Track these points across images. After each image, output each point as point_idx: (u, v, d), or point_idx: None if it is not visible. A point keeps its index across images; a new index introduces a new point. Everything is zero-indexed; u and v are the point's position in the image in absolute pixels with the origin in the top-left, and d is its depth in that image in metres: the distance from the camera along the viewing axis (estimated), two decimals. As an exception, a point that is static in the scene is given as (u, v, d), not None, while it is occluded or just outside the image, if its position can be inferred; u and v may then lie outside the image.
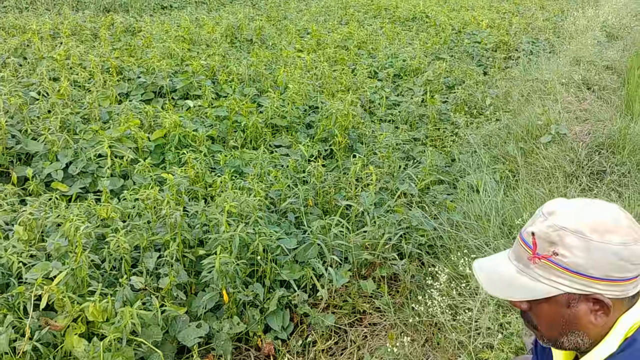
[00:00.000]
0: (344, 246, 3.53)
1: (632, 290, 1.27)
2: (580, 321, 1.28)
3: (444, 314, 2.66)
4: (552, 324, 1.32)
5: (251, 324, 3.12)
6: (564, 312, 1.28)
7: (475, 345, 2.50)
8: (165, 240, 3.24)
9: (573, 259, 1.22)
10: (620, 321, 1.28)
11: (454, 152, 4.94)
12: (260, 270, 3.31)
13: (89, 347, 2.60)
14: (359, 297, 3.43)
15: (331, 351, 3.20)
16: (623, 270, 1.22)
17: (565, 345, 1.33)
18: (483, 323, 2.52)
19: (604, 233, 1.22)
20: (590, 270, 1.22)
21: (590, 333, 1.29)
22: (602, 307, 1.26)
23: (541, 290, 1.27)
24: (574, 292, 1.25)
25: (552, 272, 1.25)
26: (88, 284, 2.93)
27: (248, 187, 3.79)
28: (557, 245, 1.24)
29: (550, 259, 1.25)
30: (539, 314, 1.33)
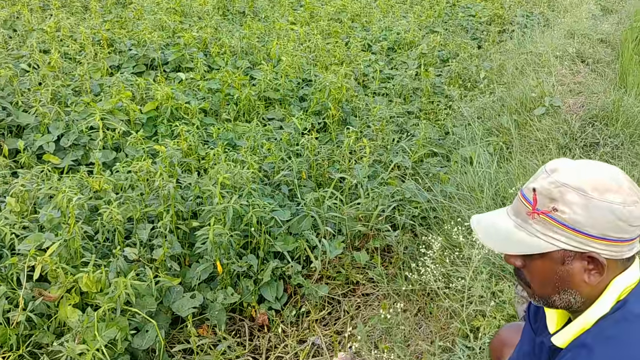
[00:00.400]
0: (338, 218, 3.53)
1: (627, 253, 1.27)
2: (574, 279, 1.28)
3: (437, 282, 2.68)
4: (545, 281, 1.32)
5: (245, 295, 3.13)
6: (558, 269, 1.29)
7: (467, 313, 2.52)
8: (158, 212, 3.23)
9: (572, 216, 1.23)
10: (613, 283, 1.28)
11: (447, 125, 4.93)
12: (254, 242, 3.31)
13: (83, 317, 2.60)
14: (352, 268, 3.45)
15: (324, 321, 3.22)
16: (620, 231, 1.22)
17: (557, 304, 1.34)
18: (476, 291, 2.54)
19: (605, 192, 1.22)
20: (588, 228, 1.22)
21: (583, 292, 1.30)
22: (597, 266, 1.26)
23: (537, 245, 1.28)
24: (570, 249, 1.25)
25: (550, 228, 1.26)
26: (81, 255, 2.93)
27: (241, 160, 3.78)
28: (557, 201, 1.24)
29: (549, 215, 1.25)
30: (533, 271, 1.33)
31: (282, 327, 3.13)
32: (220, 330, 2.97)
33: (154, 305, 2.77)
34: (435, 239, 2.87)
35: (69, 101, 4.48)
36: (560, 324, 1.42)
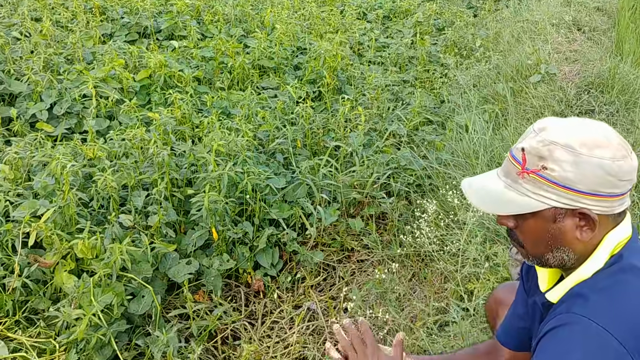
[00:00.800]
0: (333, 186, 3.54)
1: (618, 208, 1.27)
2: (566, 236, 1.29)
3: (432, 245, 2.69)
4: (538, 240, 1.32)
5: (241, 261, 3.15)
6: (550, 227, 1.29)
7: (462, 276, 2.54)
8: (153, 180, 3.22)
9: (561, 173, 1.22)
10: (606, 239, 1.29)
11: (443, 94, 4.91)
12: (250, 210, 3.31)
13: (78, 283, 2.61)
14: (347, 235, 3.46)
15: (320, 287, 3.25)
16: (611, 186, 1.23)
17: (551, 262, 1.34)
18: (470, 254, 2.55)
19: (594, 148, 1.22)
20: (578, 185, 1.22)
21: (576, 249, 1.30)
22: (588, 222, 1.26)
23: (528, 204, 1.28)
24: (561, 207, 1.25)
25: (540, 186, 1.26)
26: (76, 222, 2.93)
27: (236, 128, 3.76)
28: (546, 159, 1.24)
29: (538, 174, 1.25)
30: (525, 231, 1.33)
31: (278, 293, 3.15)
32: (216, 296, 2.99)
33: (149, 271, 2.78)
34: (430, 201, 2.87)
35: (61, 69, 4.44)
36: (551, 282, 1.42)
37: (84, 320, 2.39)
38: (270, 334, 2.93)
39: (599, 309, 1.20)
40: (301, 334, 2.86)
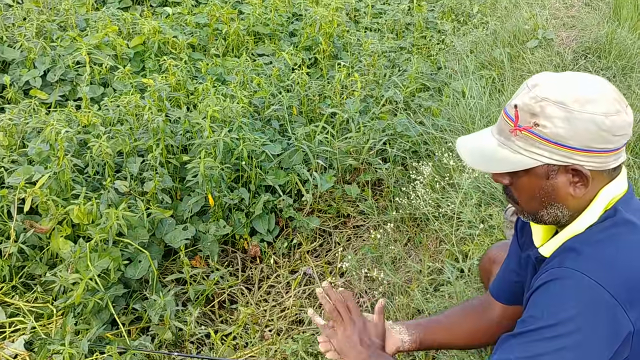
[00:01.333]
0: (329, 152, 3.53)
1: (612, 163, 1.27)
2: (559, 193, 1.29)
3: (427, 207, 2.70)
4: (532, 197, 1.33)
5: (237, 227, 3.15)
6: (543, 184, 1.29)
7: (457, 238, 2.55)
8: (148, 146, 3.21)
9: (554, 130, 1.22)
10: (600, 193, 1.29)
11: (440, 60, 4.88)
12: (245, 176, 3.31)
13: (75, 248, 2.62)
14: (343, 202, 3.47)
15: (316, 252, 3.26)
16: (604, 142, 1.22)
17: (545, 219, 1.35)
18: (465, 216, 2.56)
19: (586, 103, 1.21)
20: (570, 141, 1.22)
21: (569, 205, 1.31)
22: (581, 178, 1.26)
23: (521, 162, 1.28)
24: (554, 164, 1.25)
25: (533, 143, 1.25)
26: (72, 188, 2.93)
27: (231, 95, 3.74)
28: (538, 116, 1.23)
29: (531, 130, 1.25)
30: (519, 188, 1.34)
31: (274, 258, 3.17)
32: (212, 261, 3.00)
33: (146, 237, 2.79)
34: (426, 163, 2.87)
35: (54, 36, 4.39)
36: (546, 238, 1.43)
37: (81, 284, 2.41)
38: (267, 298, 2.95)
39: (591, 263, 1.21)
40: (297, 298, 2.88)
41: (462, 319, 1.71)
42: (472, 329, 1.70)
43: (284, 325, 2.71)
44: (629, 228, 1.26)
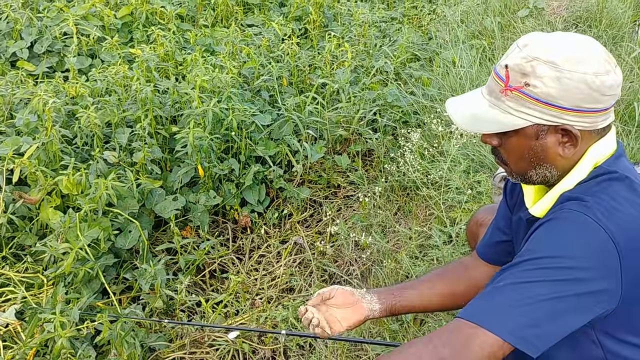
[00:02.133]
0: (319, 123, 3.52)
1: (601, 123, 1.27)
2: (548, 153, 1.29)
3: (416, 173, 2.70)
4: (521, 158, 1.33)
5: (227, 198, 3.15)
6: (533, 145, 1.29)
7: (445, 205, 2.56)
8: (136, 117, 3.19)
9: (544, 89, 1.22)
10: (589, 151, 1.29)
11: (431, 30, 4.85)
12: (235, 147, 3.30)
13: (64, 218, 2.61)
14: (333, 172, 3.47)
15: (306, 223, 3.27)
16: (593, 101, 1.22)
17: (534, 179, 1.35)
18: (453, 183, 2.57)
19: (577, 63, 1.21)
20: (560, 101, 1.22)
21: (558, 165, 1.31)
22: (571, 138, 1.26)
23: (511, 122, 1.28)
24: (543, 124, 1.26)
25: (523, 103, 1.25)
26: (60, 159, 2.92)
27: (220, 65, 3.71)
28: (528, 76, 1.23)
29: (521, 90, 1.24)
30: (509, 149, 1.34)
31: (265, 228, 3.18)
32: (203, 231, 3.01)
33: (135, 207, 2.78)
34: (414, 130, 2.87)
35: (40, 7, 4.33)
36: (537, 198, 1.43)
37: (71, 254, 2.41)
38: (258, 267, 2.96)
39: (593, 208, 1.21)
40: (288, 267, 2.89)
41: (439, 283, 1.72)
42: (450, 291, 1.70)
43: (275, 293, 2.73)
44: (623, 181, 1.26)
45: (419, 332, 2.13)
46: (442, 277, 1.73)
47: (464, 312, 1.22)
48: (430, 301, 1.71)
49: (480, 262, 1.71)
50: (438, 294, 1.71)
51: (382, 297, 1.67)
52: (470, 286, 1.70)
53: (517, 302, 1.17)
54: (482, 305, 1.22)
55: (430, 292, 1.71)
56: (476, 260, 1.72)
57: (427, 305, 1.72)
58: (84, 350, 2.20)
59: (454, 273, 1.73)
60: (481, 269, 1.70)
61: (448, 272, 1.75)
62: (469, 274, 1.71)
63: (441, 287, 1.71)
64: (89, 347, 2.22)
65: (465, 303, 1.74)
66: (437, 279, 1.73)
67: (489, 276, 1.67)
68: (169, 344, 2.43)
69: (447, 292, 1.70)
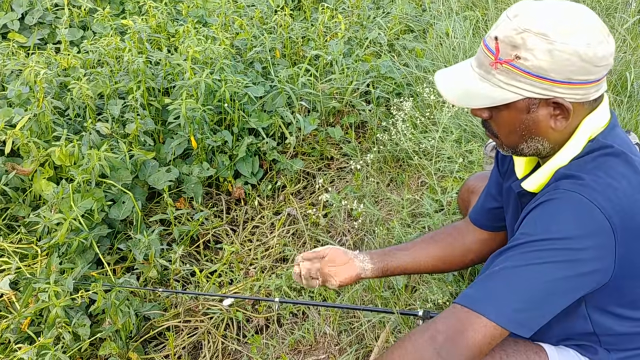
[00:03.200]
0: (312, 95, 3.51)
1: (593, 94, 1.26)
2: (540, 126, 1.28)
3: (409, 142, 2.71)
4: (512, 131, 1.32)
5: (221, 170, 3.16)
6: (524, 118, 1.28)
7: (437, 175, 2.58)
8: (129, 88, 3.17)
9: (535, 62, 1.20)
10: (583, 124, 1.28)
11: (424, 1, 4.82)
12: (228, 119, 3.29)
13: (57, 189, 2.62)
14: (326, 144, 3.47)
15: (300, 195, 3.28)
16: (585, 73, 1.21)
17: (525, 152, 1.35)
18: (445, 152, 2.58)
19: (569, 34, 1.19)
20: (551, 74, 1.20)
21: (550, 138, 1.30)
22: (562, 111, 1.25)
23: (501, 96, 1.26)
24: (534, 97, 1.24)
25: (514, 76, 1.23)
26: (52, 130, 2.91)
27: (212, 36, 3.68)
28: (519, 48, 1.21)
29: (512, 63, 1.22)
30: (499, 122, 1.32)
31: (259, 200, 3.19)
32: (197, 202, 3.02)
33: (129, 178, 2.79)
34: (407, 100, 2.87)
35: (30, -22, 4.28)
36: (528, 169, 1.43)
37: (65, 224, 2.41)
38: (252, 238, 2.98)
39: (589, 187, 1.21)
40: (281, 237, 2.91)
41: (432, 246, 1.75)
42: (442, 254, 1.73)
43: (268, 263, 2.75)
44: (618, 156, 1.26)
45: (410, 299, 2.16)
46: (435, 241, 1.75)
47: (461, 298, 1.24)
48: (422, 263, 1.74)
49: (472, 227, 1.73)
50: (430, 256, 1.74)
51: (374, 258, 1.70)
52: (462, 250, 1.72)
53: (513, 286, 1.19)
54: (478, 290, 1.23)
55: (422, 254, 1.74)
56: (468, 226, 1.74)
57: (419, 267, 1.75)
58: (78, 319, 2.22)
59: (446, 237, 1.76)
60: (473, 234, 1.72)
61: (441, 235, 1.77)
62: (462, 239, 1.73)
63: (434, 250, 1.74)
64: (84, 316, 2.25)
65: (456, 267, 1.78)
66: (430, 242, 1.76)
67: (481, 241, 1.71)
68: (163, 312, 2.46)
69: (439, 255, 1.73)
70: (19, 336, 2.20)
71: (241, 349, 2.36)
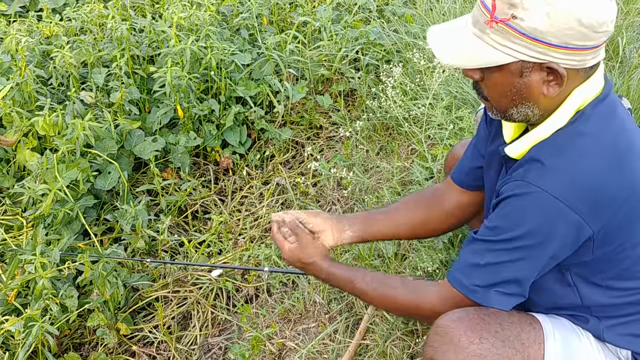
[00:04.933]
0: (300, 62, 3.46)
1: (590, 61, 1.22)
2: (532, 91, 1.25)
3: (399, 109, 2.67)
4: (503, 95, 1.28)
5: (208, 139, 3.12)
6: (516, 82, 1.24)
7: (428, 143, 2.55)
8: (113, 56, 3.10)
9: (532, 24, 1.16)
10: (573, 94, 1.25)
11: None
12: (215, 87, 3.24)
13: (42, 159, 2.57)
14: (315, 113, 3.43)
15: (289, 164, 3.25)
16: (584, 38, 1.17)
17: (515, 117, 1.31)
18: (435, 119, 2.55)
19: None
20: (548, 37, 1.16)
21: (541, 104, 1.27)
22: (556, 77, 1.22)
23: (494, 57, 1.22)
24: (529, 60, 1.20)
25: (509, 37, 1.20)
26: (36, 100, 2.85)
27: (198, 2, 3.60)
28: (517, 7, 1.16)
29: (508, 23, 1.18)
30: (491, 84, 1.29)
31: (247, 170, 3.16)
32: (184, 173, 2.98)
33: (114, 148, 2.74)
34: (396, 66, 2.83)
35: (9, -57, 4.16)
36: (516, 133, 1.41)
37: (49, 195, 2.38)
38: (240, 208, 2.96)
39: (553, 177, 1.22)
40: (270, 207, 2.89)
41: (411, 210, 1.74)
42: (421, 218, 1.73)
43: (257, 233, 2.73)
44: (593, 137, 1.24)
45: (400, 267, 2.15)
46: (415, 204, 1.75)
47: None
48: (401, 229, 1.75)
49: (453, 188, 1.71)
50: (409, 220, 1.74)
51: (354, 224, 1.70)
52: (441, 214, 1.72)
53: (486, 281, 1.32)
54: (463, 279, 1.35)
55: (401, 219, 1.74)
56: (449, 186, 1.72)
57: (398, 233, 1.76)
58: (65, 291, 2.19)
59: (426, 199, 1.75)
60: (454, 195, 1.71)
61: (421, 198, 1.76)
62: (442, 201, 1.72)
63: (413, 214, 1.74)
64: (71, 288, 2.22)
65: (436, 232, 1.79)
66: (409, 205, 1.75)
67: (461, 203, 1.70)
68: (152, 283, 2.44)
69: (418, 220, 1.73)
70: (6, 308, 2.17)
71: (231, 319, 2.35)
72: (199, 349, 2.27)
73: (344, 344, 2.00)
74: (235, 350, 2.13)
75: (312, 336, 2.12)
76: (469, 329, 1.27)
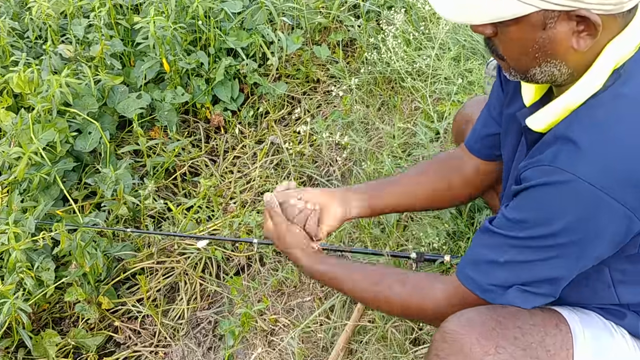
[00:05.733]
0: (296, 10, 3.23)
1: (628, 3, 0.98)
2: (558, 47, 1.02)
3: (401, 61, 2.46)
4: (522, 52, 1.05)
5: (197, 95, 2.93)
6: (538, 36, 1.01)
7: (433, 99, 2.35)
8: (93, 6, 2.88)
9: None
10: (608, 47, 1.02)
11: None
12: (204, 38, 3.03)
13: (16, 119, 2.39)
14: (312, 65, 3.22)
15: (284, 121, 3.07)
16: None
17: (538, 78, 1.09)
18: (442, 72, 2.34)
19: None
20: None
21: (570, 61, 1.04)
22: (588, 26, 0.98)
23: (510, 8, 0.98)
24: (553, 9, 0.96)
25: None
26: (11, 54, 2.66)
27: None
28: None
29: None
30: (507, 40, 1.06)
31: (240, 128, 2.98)
32: (171, 131, 2.80)
33: (95, 106, 2.56)
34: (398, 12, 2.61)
35: None
36: (538, 94, 1.18)
37: (24, 158, 2.21)
38: (233, 169, 2.79)
39: (591, 163, 0.99)
40: (264, 169, 2.72)
41: (425, 180, 1.55)
42: (436, 190, 1.54)
43: (249, 197, 2.56)
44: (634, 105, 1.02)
45: (402, 238, 1.99)
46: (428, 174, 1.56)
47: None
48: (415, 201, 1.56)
49: (469, 156, 1.51)
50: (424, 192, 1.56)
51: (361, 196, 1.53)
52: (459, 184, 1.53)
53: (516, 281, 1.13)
54: (477, 277, 1.17)
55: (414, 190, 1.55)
56: (465, 154, 1.52)
57: (412, 205, 1.58)
58: (42, 263, 2.04)
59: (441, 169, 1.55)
60: (470, 162, 1.51)
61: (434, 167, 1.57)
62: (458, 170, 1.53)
63: (427, 185, 1.55)
64: (48, 259, 2.08)
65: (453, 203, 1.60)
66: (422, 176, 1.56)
67: (478, 171, 1.50)
68: (135, 253, 2.29)
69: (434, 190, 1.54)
70: (-22, 282, 2.03)
71: (221, 290, 2.21)
72: (187, 323, 2.13)
73: (340, 323, 1.85)
74: (225, 326, 1.99)
75: (307, 311, 1.98)
76: (483, 336, 1.07)
